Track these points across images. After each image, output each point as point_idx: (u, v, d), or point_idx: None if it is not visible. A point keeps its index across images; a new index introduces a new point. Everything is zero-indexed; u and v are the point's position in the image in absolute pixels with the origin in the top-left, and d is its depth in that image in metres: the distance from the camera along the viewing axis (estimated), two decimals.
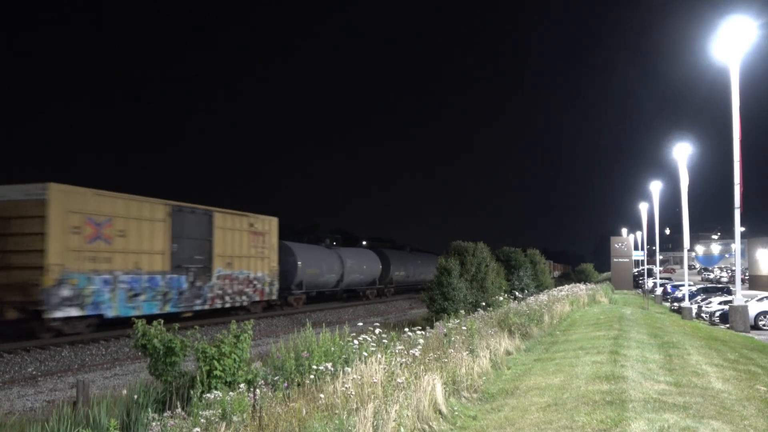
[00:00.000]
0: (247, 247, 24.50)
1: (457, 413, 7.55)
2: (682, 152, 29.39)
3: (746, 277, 49.72)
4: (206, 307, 22.03)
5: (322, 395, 6.38)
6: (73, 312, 16.88)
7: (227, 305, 23.30)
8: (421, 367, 7.92)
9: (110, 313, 18.06)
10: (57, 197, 16.57)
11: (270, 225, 26.18)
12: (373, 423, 5.77)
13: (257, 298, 25.31)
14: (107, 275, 17.92)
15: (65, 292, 16.58)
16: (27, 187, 16.70)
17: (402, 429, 6.12)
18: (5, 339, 16.52)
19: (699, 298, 29.94)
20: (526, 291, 27.41)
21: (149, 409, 6.69)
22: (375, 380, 6.78)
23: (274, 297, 26.72)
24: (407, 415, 6.39)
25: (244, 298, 24.38)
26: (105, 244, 17.92)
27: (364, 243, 73.85)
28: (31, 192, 16.55)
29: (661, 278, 55.21)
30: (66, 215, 16.75)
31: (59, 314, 16.46)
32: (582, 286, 35.61)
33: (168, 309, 19.94)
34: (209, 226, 22.35)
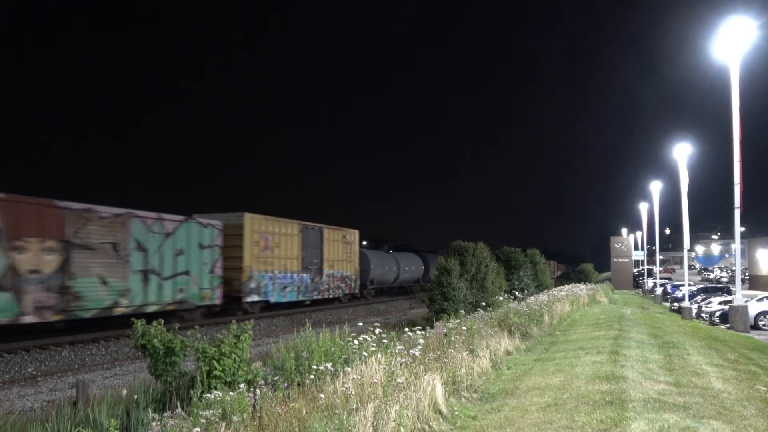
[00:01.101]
0: (341, 254, 32.09)
1: (457, 413, 7.56)
2: (682, 152, 29.39)
3: (746, 277, 49.71)
4: (319, 297, 29.69)
5: (322, 395, 6.38)
6: (255, 298, 24.35)
7: (330, 296, 30.88)
8: (421, 367, 7.92)
9: (272, 299, 25.51)
10: (248, 221, 23.83)
11: (354, 236, 34.05)
12: (373, 423, 5.76)
13: (347, 291, 32.92)
14: (270, 273, 25.34)
15: (251, 284, 24.07)
16: (230, 215, 23.67)
17: (402, 429, 6.12)
18: (218, 314, 23.01)
19: (699, 298, 29.95)
20: (526, 291, 27.40)
21: (149, 409, 6.69)
22: (375, 380, 6.77)
23: (356, 291, 34.46)
24: (407, 415, 6.39)
25: (339, 291, 31.94)
26: (269, 252, 25.33)
27: (365, 243, 74.32)
28: (231, 218, 23.52)
29: (661, 278, 55.21)
30: (252, 233, 24.10)
31: (248, 299, 23.93)
32: (582, 286, 35.61)
33: (300, 298, 27.84)
34: (321, 238, 29.78)
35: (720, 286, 38.76)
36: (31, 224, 15.60)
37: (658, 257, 69.02)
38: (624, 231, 76.69)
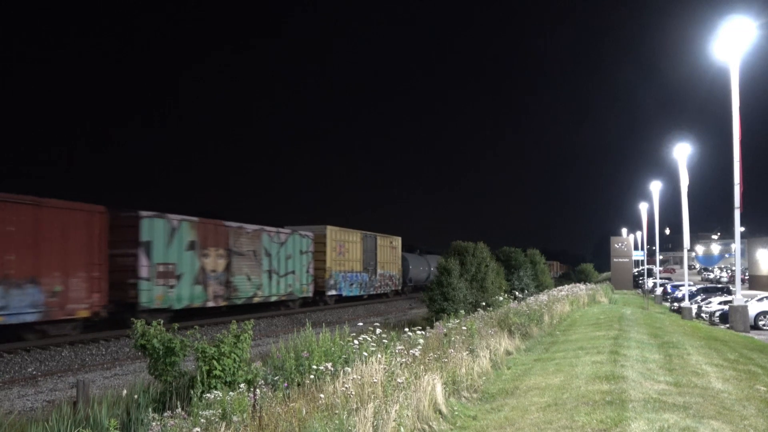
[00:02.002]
0: (389, 256, 38.59)
1: (457, 413, 7.56)
2: (682, 152, 29.38)
3: (746, 277, 49.71)
4: (374, 292, 36.33)
5: (322, 395, 6.38)
6: (333, 292, 31.03)
7: (381, 292, 37.38)
8: (421, 367, 7.92)
9: (344, 293, 32.26)
10: (329, 232, 30.63)
11: (398, 242, 40.55)
12: (373, 423, 5.76)
13: (393, 288, 39.28)
14: (343, 273, 31.99)
15: (331, 281, 30.69)
16: (315, 227, 30.11)
17: (402, 429, 6.12)
18: (309, 304, 29.55)
19: (699, 298, 29.91)
20: (526, 291, 27.41)
21: (149, 409, 6.69)
22: (375, 380, 6.77)
23: (399, 288, 40.68)
24: (407, 415, 6.39)
25: (387, 288, 38.24)
26: (342, 256, 31.90)
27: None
28: (317, 230, 30.03)
29: (661, 278, 55.20)
30: (331, 241, 30.82)
31: (329, 293, 30.66)
32: (582, 286, 35.62)
33: (361, 293, 34.49)
34: (375, 244, 36.27)
35: (720, 286, 38.73)
36: (211, 238, 22.16)
37: (658, 257, 69.03)
38: (624, 231, 76.75)
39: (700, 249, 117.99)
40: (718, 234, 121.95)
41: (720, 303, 25.70)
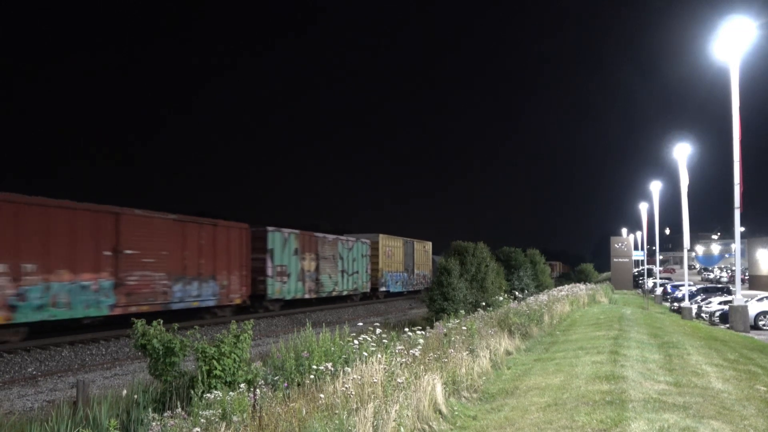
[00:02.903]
0: (422, 258, 44.73)
1: (457, 413, 7.56)
2: (682, 152, 29.38)
3: (746, 277, 49.69)
4: (412, 289, 41.99)
5: (322, 395, 6.38)
6: (384, 288, 37.27)
7: (416, 288, 42.17)
8: (421, 367, 7.92)
9: (391, 290, 38.60)
10: (381, 239, 37.10)
11: (429, 246, 46.92)
12: (373, 423, 5.76)
13: (425, 285, 41.94)
14: (390, 273, 38.29)
15: (382, 280, 36.91)
16: (370, 235, 36.59)
17: (402, 429, 6.12)
18: (366, 299, 35.57)
19: (699, 298, 29.91)
20: (526, 291, 27.41)
21: (149, 409, 6.69)
22: (375, 380, 6.77)
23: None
24: (407, 415, 6.39)
25: (421, 285, 42.71)
26: (389, 259, 38.20)
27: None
28: (371, 237, 36.38)
29: (661, 278, 55.19)
30: (383, 246, 37.31)
31: (381, 289, 36.89)
32: (582, 286, 35.62)
33: (403, 289, 40.64)
34: (413, 248, 42.56)
35: (720, 286, 38.72)
36: (306, 246, 28.69)
37: (658, 257, 69.03)
38: (624, 231, 76.75)
39: (700, 249, 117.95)
40: (718, 234, 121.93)
41: (720, 303, 25.69)
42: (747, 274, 51.11)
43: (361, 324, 12.24)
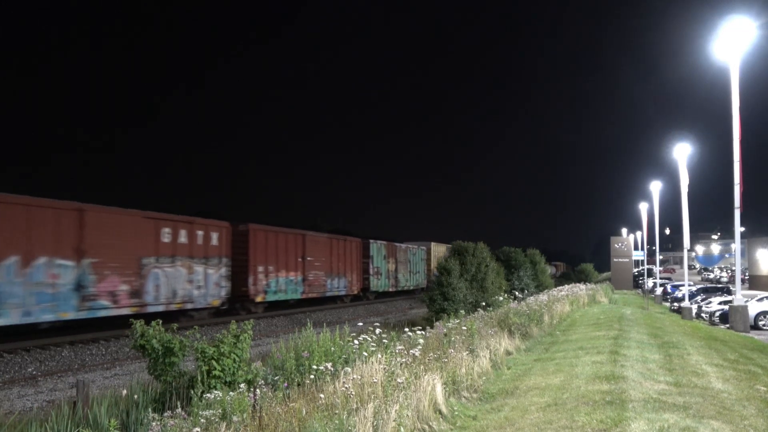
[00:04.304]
0: None
1: (457, 413, 7.55)
2: (682, 152, 29.37)
3: (746, 277, 49.69)
4: None
5: (322, 395, 6.38)
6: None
7: None
8: (421, 367, 7.92)
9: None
10: (432, 246, 46.72)
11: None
12: (373, 423, 5.76)
13: None
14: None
15: (432, 278, 37.59)
16: (424, 243, 46.42)
17: (402, 429, 6.12)
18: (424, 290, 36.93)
19: (699, 298, 29.91)
20: (526, 291, 27.39)
21: (149, 409, 6.69)
22: (375, 380, 6.77)
23: None
24: (407, 415, 6.39)
25: None
26: (437, 261, 37.51)
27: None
28: (424, 245, 45.99)
29: (661, 278, 55.18)
30: (434, 252, 46.31)
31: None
32: (582, 286, 35.61)
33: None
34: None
35: (720, 286, 38.73)
36: (389, 252, 38.71)
37: (658, 257, 69.00)
38: (624, 231, 76.73)
39: (700, 249, 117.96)
40: (718, 234, 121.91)
41: (720, 303, 25.69)
42: (747, 274, 51.10)
43: (361, 324, 12.24)
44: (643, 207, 53.18)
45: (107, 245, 17.78)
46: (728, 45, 18.85)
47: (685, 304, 27.02)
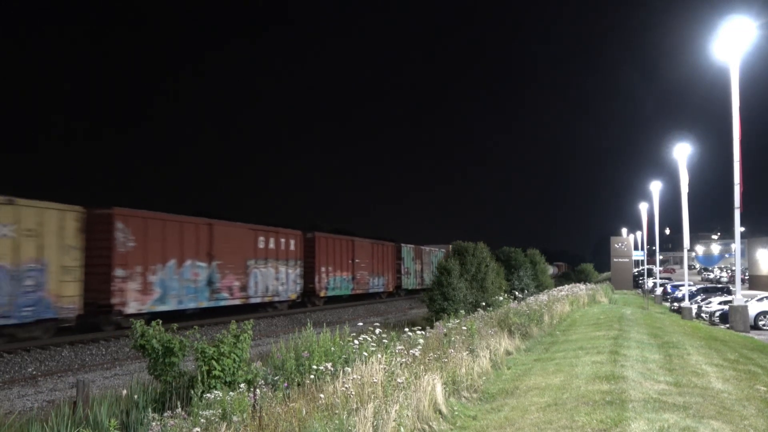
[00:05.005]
0: None
1: (457, 413, 7.55)
2: (682, 152, 29.37)
3: (746, 277, 49.68)
4: None
5: (322, 395, 6.38)
6: None
7: None
8: (421, 367, 7.92)
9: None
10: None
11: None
12: (373, 423, 5.76)
13: None
14: None
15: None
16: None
17: (402, 429, 6.12)
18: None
19: (699, 298, 29.90)
20: (526, 291, 27.38)
21: (149, 409, 6.69)
22: (375, 380, 6.77)
23: None
24: (407, 415, 6.39)
25: None
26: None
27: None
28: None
29: (661, 278, 55.17)
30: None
31: None
32: (582, 286, 35.61)
33: None
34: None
35: (720, 286, 38.71)
36: (416, 254, 44.31)
37: (658, 257, 69.00)
38: (624, 231, 76.72)
39: (700, 249, 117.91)
40: (718, 234, 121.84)
41: (720, 303, 25.67)
42: (747, 274, 51.09)
43: (361, 324, 12.24)
44: (643, 207, 53.21)
45: (226, 251, 22.99)
46: (728, 45, 18.85)
47: (685, 304, 27.02)
